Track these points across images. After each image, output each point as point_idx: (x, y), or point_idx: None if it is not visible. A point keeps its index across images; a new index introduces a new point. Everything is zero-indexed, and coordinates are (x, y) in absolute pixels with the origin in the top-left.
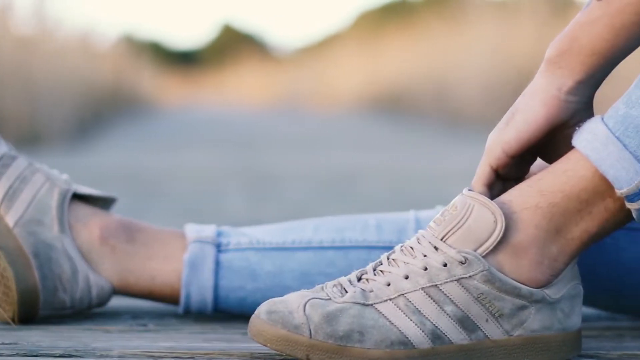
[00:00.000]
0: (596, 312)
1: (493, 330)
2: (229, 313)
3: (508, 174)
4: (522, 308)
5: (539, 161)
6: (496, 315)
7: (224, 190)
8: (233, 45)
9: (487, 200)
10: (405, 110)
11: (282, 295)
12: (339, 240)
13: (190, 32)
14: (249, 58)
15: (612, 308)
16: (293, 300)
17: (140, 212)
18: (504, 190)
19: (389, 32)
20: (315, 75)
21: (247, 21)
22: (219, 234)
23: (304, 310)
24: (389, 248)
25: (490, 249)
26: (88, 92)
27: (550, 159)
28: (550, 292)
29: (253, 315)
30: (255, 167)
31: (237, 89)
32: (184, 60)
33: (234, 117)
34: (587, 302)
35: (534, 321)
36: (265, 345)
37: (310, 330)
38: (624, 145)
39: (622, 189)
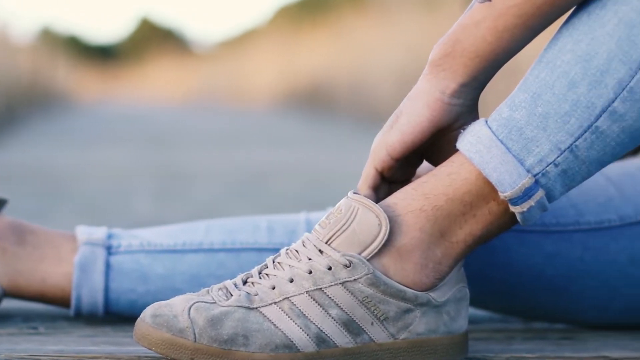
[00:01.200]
0: (488, 314)
1: (378, 334)
2: (121, 316)
3: (394, 177)
4: (408, 311)
5: (426, 164)
6: (381, 318)
7: (132, 189)
8: (151, 39)
9: (371, 203)
10: (321, 106)
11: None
12: (229, 242)
13: (108, 26)
14: (168, 53)
15: (503, 310)
16: (178, 304)
17: (45, 212)
18: (390, 192)
19: (307, 28)
20: (233, 71)
21: (166, 15)
22: (110, 236)
23: (189, 314)
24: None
25: (374, 252)
26: (1, 88)
27: (436, 161)
28: (436, 295)
29: (138, 319)
30: (166, 165)
31: (155, 84)
32: (102, 55)
33: (151, 113)
34: (477, 304)
35: (420, 324)
36: (150, 349)
37: (194, 334)
38: (507, 149)
39: (505, 192)
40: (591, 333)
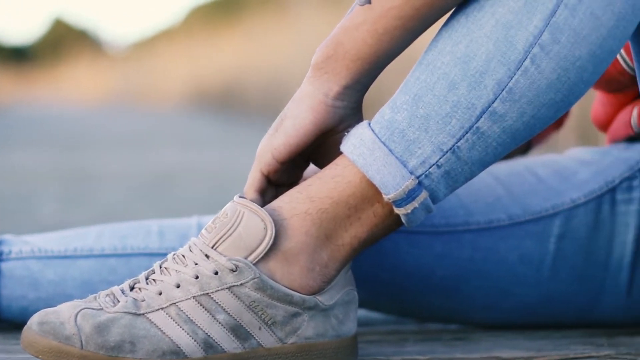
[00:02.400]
0: (382, 317)
1: (266, 338)
2: (13, 323)
3: (280, 180)
4: (295, 315)
5: (313, 166)
6: (269, 323)
7: (38, 193)
8: (65, 40)
9: (257, 207)
10: (234, 106)
11: None
12: (120, 247)
13: (20, 27)
14: (82, 54)
15: (396, 311)
16: (65, 311)
17: None
18: (276, 196)
19: (220, 27)
20: (147, 71)
21: (80, 16)
22: (0, 243)
23: (75, 321)
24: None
25: (261, 256)
26: None
27: (322, 164)
28: (323, 299)
29: (25, 326)
30: (74, 168)
31: (70, 85)
32: (15, 56)
33: (63, 114)
34: (370, 306)
35: (308, 328)
36: (37, 357)
37: (81, 341)
38: (390, 151)
39: (389, 194)
40: (484, 333)
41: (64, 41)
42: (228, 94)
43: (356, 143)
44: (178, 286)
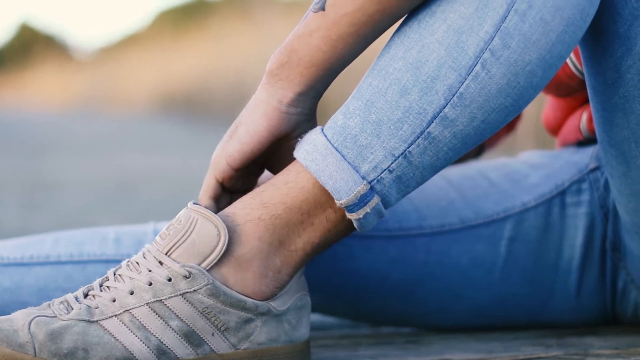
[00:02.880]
0: (337, 321)
1: (219, 344)
2: None
3: (235, 187)
4: (248, 321)
5: (268, 173)
6: (222, 329)
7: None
8: (32, 45)
9: (210, 213)
10: (200, 111)
11: None
12: (77, 254)
13: None
14: (49, 59)
15: (351, 316)
16: (18, 319)
17: None
18: (231, 202)
19: (187, 32)
20: (113, 76)
21: (46, 21)
22: None
23: (29, 329)
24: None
25: (214, 262)
26: None
27: (277, 170)
28: (276, 305)
29: None
30: (37, 173)
31: (37, 90)
32: None
33: (29, 120)
34: (325, 311)
35: (261, 334)
36: None
37: (34, 349)
38: (342, 156)
39: (341, 200)
40: (436, 336)
41: (30, 46)
42: (194, 99)
43: (309, 149)
44: (132, 293)
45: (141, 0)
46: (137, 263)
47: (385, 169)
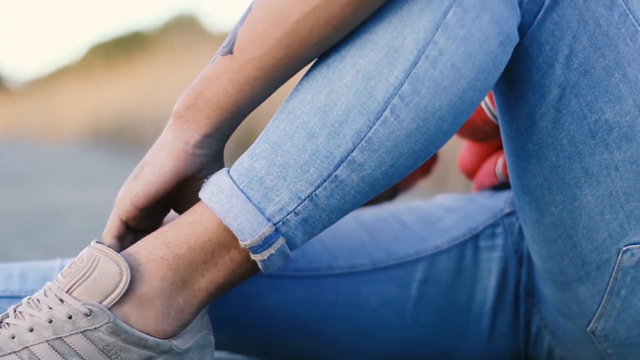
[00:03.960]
0: (245, 359)
1: None
2: None
3: (140, 226)
4: (149, 359)
5: (174, 212)
6: None
7: None
8: None
9: (112, 252)
10: (130, 143)
11: None
12: None
13: None
14: None
15: (259, 354)
16: None
17: None
18: (135, 241)
19: (119, 65)
20: (45, 107)
21: None
22: None
23: None
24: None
25: (116, 300)
26: None
27: (182, 210)
28: (178, 343)
29: None
30: None
31: None
32: None
33: None
34: (233, 349)
35: None
36: None
37: None
38: (248, 198)
39: (246, 241)
40: None
41: None
42: (124, 131)
43: (214, 190)
44: (31, 330)
45: (74, 32)
46: (38, 300)
47: (290, 212)
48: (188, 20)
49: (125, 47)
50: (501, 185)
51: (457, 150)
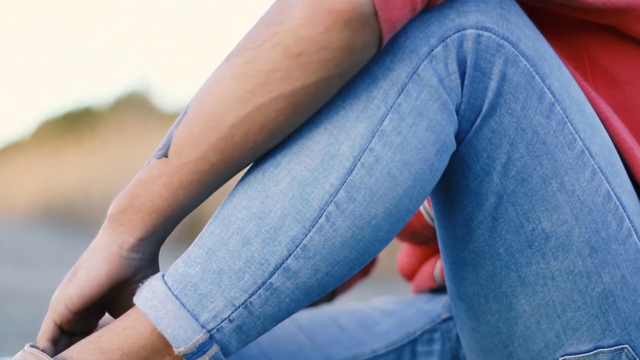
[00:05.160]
0: None
1: None
2: None
3: (74, 329)
4: None
5: (109, 315)
6: None
7: None
8: None
9: (46, 356)
10: (80, 222)
11: None
12: None
13: None
14: None
15: None
16: None
17: None
18: (70, 344)
19: (70, 141)
20: None
21: None
22: None
23: None
24: None
25: None
26: None
27: (118, 314)
28: None
29: None
30: None
31: None
32: None
33: None
34: None
35: None
36: None
37: None
38: (182, 304)
39: (180, 348)
40: None
41: None
42: (73, 209)
43: (148, 295)
44: None
45: (25, 107)
46: None
47: (225, 319)
48: (138, 97)
49: (76, 124)
50: (440, 289)
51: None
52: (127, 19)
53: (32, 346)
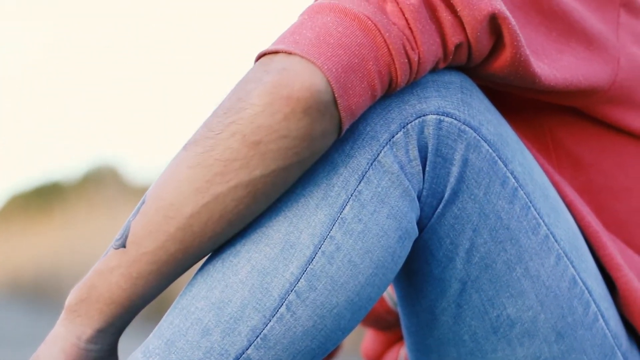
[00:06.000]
0: None
1: None
2: None
3: None
4: None
5: None
6: None
7: None
8: None
9: None
10: (49, 298)
11: None
12: None
13: None
14: None
15: None
16: None
17: None
18: None
19: (38, 216)
20: None
21: None
22: None
23: None
24: None
25: None
26: None
27: None
28: None
29: None
30: None
31: None
32: None
33: None
34: None
35: None
36: None
37: None
38: None
39: None
40: None
41: None
42: (41, 286)
43: None
44: None
45: None
46: None
47: None
48: (107, 172)
49: (44, 198)
50: None
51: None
52: (95, 90)
53: None
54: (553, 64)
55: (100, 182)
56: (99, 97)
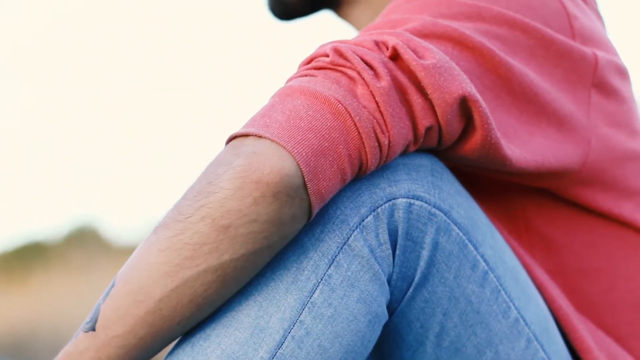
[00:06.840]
0: None
1: None
2: None
3: None
4: None
5: None
6: None
7: None
8: None
9: None
10: (28, 358)
11: None
12: None
13: None
14: None
15: None
16: None
17: None
18: None
19: (17, 277)
20: None
21: None
22: None
23: None
24: None
25: None
26: None
27: None
28: None
29: None
30: None
31: None
32: None
33: None
34: None
35: None
36: None
37: None
38: None
39: None
40: None
41: None
42: (19, 346)
43: None
44: None
45: None
46: None
47: None
48: (89, 232)
49: (24, 258)
50: None
51: None
52: (77, 150)
53: None
54: (524, 146)
55: (81, 242)
56: (81, 157)
